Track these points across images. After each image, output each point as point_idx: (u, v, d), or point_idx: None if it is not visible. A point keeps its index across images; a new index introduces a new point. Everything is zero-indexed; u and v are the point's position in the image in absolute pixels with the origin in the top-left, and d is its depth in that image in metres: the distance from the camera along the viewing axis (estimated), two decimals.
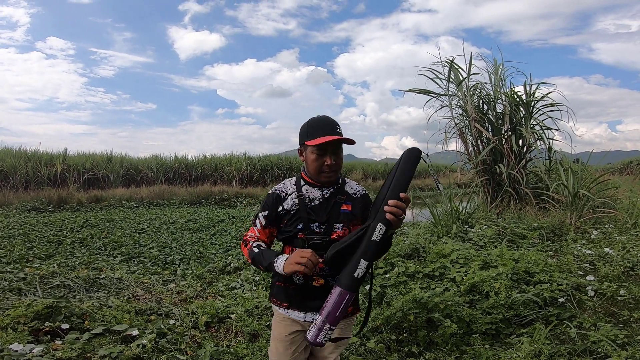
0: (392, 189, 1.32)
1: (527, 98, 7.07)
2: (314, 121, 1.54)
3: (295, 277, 1.51)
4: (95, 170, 17.11)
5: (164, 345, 2.50)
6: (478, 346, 2.53)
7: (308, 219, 1.51)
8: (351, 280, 1.29)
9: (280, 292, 1.58)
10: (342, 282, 1.31)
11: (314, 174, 1.53)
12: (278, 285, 1.59)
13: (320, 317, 1.32)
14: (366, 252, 1.29)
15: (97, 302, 3.13)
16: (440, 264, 3.50)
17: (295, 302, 1.55)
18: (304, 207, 1.53)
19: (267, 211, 1.57)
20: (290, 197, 1.56)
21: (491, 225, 5.06)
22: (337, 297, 1.28)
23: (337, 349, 1.63)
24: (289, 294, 1.56)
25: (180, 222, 9.04)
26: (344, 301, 1.28)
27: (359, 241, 1.32)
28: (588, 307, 2.90)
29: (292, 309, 1.57)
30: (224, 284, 4.21)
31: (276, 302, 1.60)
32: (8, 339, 2.26)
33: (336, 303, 1.28)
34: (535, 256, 3.50)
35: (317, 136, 1.47)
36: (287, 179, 1.65)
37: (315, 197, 1.55)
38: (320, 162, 1.49)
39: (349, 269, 1.29)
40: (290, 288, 1.55)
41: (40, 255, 5.70)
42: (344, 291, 1.28)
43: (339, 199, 1.56)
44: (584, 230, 4.99)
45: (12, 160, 15.09)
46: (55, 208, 11.86)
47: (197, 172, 19.38)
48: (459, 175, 7.61)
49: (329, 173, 1.51)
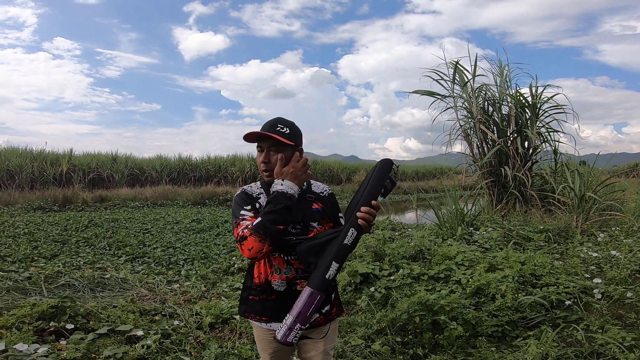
0: (365, 197, 1.36)
1: (533, 100, 7.03)
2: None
3: (275, 284, 1.44)
4: (100, 170, 17.22)
5: (168, 346, 2.50)
6: (484, 349, 2.51)
7: None
8: (322, 281, 1.32)
9: (257, 306, 1.49)
10: (313, 283, 1.33)
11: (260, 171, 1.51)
12: (253, 300, 1.50)
13: (291, 316, 1.32)
14: (338, 254, 1.32)
15: (102, 302, 3.13)
16: (445, 266, 3.48)
17: (275, 314, 1.46)
18: None
19: (248, 205, 1.46)
20: (262, 196, 1.50)
21: (497, 227, 5.03)
22: (308, 298, 1.31)
23: (327, 355, 1.58)
24: (267, 306, 1.47)
25: (184, 223, 9.06)
26: (315, 301, 1.32)
27: (329, 243, 1.36)
28: (595, 309, 2.87)
29: (274, 321, 1.48)
30: (228, 285, 4.21)
31: (254, 317, 1.51)
32: (13, 339, 2.26)
33: (307, 303, 1.31)
34: (542, 259, 3.47)
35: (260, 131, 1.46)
36: (246, 186, 1.58)
37: None
38: (259, 159, 1.48)
39: (320, 270, 1.33)
40: (270, 300, 1.47)
41: (46, 254, 5.73)
42: (315, 292, 1.32)
43: (309, 197, 1.52)
44: (591, 233, 4.95)
45: (18, 159, 15.22)
46: (60, 207, 11.93)
47: (201, 173, 19.47)
48: (464, 177, 7.58)
49: (266, 172, 1.47)
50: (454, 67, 7.33)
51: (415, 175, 28.80)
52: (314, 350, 1.56)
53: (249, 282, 1.52)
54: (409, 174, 28.52)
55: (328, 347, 1.57)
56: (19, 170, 14.97)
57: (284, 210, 1.33)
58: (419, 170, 29.74)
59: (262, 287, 1.47)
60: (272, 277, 1.45)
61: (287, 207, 1.33)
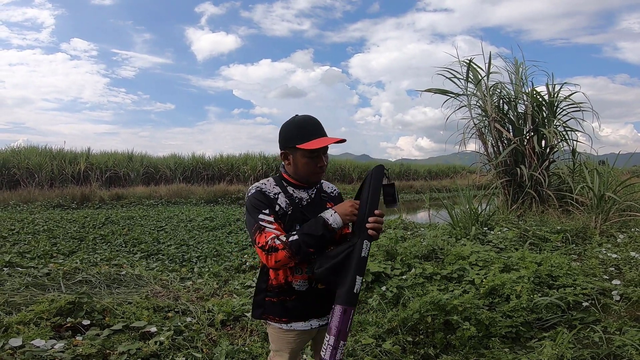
0: (370, 207, 1.41)
1: (550, 98, 6.88)
2: (302, 122, 1.48)
3: (296, 284, 1.45)
4: (117, 169, 17.56)
5: (180, 343, 2.52)
6: (497, 349, 2.47)
7: (303, 220, 1.46)
8: (352, 296, 1.37)
9: (275, 308, 1.49)
10: (344, 300, 1.37)
11: (307, 176, 1.48)
12: (270, 302, 1.50)
13: (332, 337, 1.35)
14: (358, 268, 1.38)
15: (118, 299, 3.19)
16: (458, 265, 3.44)
17: (295, 314, 1.48)
18: (297, 208, 1.47)
19: (266, 209, 1.43)
20: (279, 196, 1.47)
21: (512, 227, 4.94)
22: (343, 315, 1.35)
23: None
24: (287, 307, 1.47)
25: (198, 221, 9.16)
26: (350, 317, 1.37)
27: (347, 259, 1.40)
28: (613, 311, 2.80)
29: (294, 321, 1.49)
30: (240, 283, 4.24)
31: (273, 319, 1.50)
32: (30, 334, 2.30)
33: (344, 320, 1.35)
34: (559, 259, 3.40)
35: (311, 139, 1.43)
36: (261, 180, 1.54)
37: (303, 198, 1.51)
38: (313, 164, 1.46)
39: (347, 286, 1.36)
40: (289, 300, 1.47)
41: (64, 251, 5.86)
42: (348, 308, 1.36)
43: (323, 196, 1.56)
44: (610, 233, 4.82)
45: (38, 158, 15.62)
46: (78, 205, 12.20)
47: (213, 171, 19.66)
48: (478, 176, 7.47)
49: (320, 174, 1.50)
50: (467, 65, 7.23)
51: (427, 174, 28.52)
52: None
53: (263, 284, 1.51)
54: (421, 173, 28.25)
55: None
56: (38, 168, 15.36)
57: (321, 238, 1.36)
58: (431, 169, 29.44)
59: (280, 287, 1.47)
60: (292, 278, 1.46)
61: (324, 237, 1.37)
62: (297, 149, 1.44)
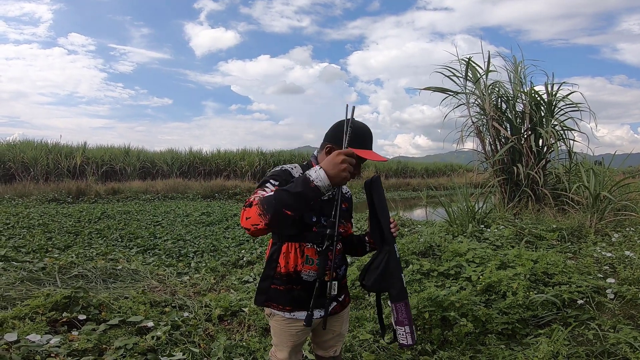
0: (385, 216, 1.55)
1: (549, 97, 6.90)
2: (362, 130, 1.47)
3: (305, 274, 1.47)
4: (113, 163, 17.47)
5: (177, 338, 2.52)
6: (493, 346, 2.48)
7: (320, 212, 1.48)
8: (405, 291, 1.55)
9: (281, 296, 1.50)
10: (402, 296, 1.54)
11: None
12: (275, 289, 1.50)
13: (407, 326, 1.52)
14: (400, 268, 1.56)
15: (114, 293, 3.18)
16: (455, 262, 3.45)
17: (300, 303, 1.49)
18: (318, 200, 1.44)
19: (277, 181, 1.36)
20: None
21: (508, 225, 4.97)
22: (406, 307, 1.54)
23: (341, 337, 1.69)
24: (292, 296, 1.49)
25: (194, 216, 9.14)
26: (409, 305, 1.56)
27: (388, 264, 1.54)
28: (607, 309, 2.82)
29: (297, 310, 1.51)
30: (237, 278, 4.24)
31: (276, 306, 1.51)
32: (26, 329, 2.29)
33: (408, 311, 1.54)
34: (555, 257, 3.41)
35: (364, 147, 1.48)
36: (288, 165, 1.52)
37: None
38: (350, 167, 1.46)
39: (398, 285, 1.53)
40: (295, 289, 1.49)
41: (59, 245, 5.84)
42: (406, 301, 1.55)
43: (342, 196, 1.53)
44: (605, 232, 4.85)
45: (33, 152, 15.51)
46: (74, 199, 12.14)
47: (211, 167, 19.61)
48: (475, 174, 7.49)
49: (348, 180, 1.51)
50: (466, 63, 7.22)
51: (425, 172, 28.58)
52: (330, 334, 1.65)
53: (271, 272, 1.52)
54: (419, 171, 28.31)
55: (343, 330, 1.69)
56: (34, 162, 15.26)
57: (298, 196, 1.16)
58: (428, 167, 29.50)
59: (288, 276, 1.48)
60: (302, 268, 1.47)
61: (302, 196, 1.16)
62: (336, 145, 1.46)
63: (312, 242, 1.47)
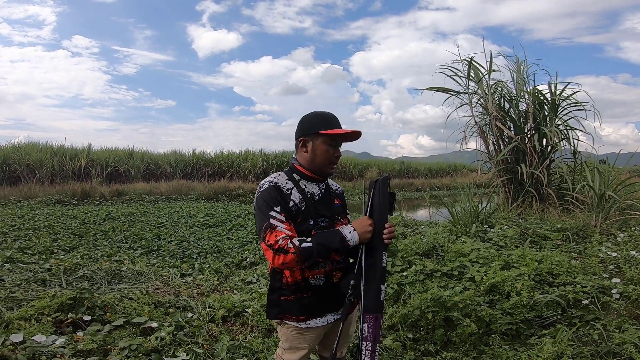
0: (382, 219, 1.45)
1: (552, 97, 6.86)
2: (325, 114, 1.53)
3: (313, 279, 1.45)
4: (117, 165, 17.56)
5: (181, 338, 2.53)
6: (497, 346, 2.47)
7: (316, 214, 1.47)
8: (380, 304, 1.43)
9: (293, 307, 1.47)
10: (375, 309, 1.42)
11: (323, 164, 1.50)
12: (286, 300, 1.47)
13: (370, 342, 1.40)
14: (381, 278, 1.44)
15: (119, 294, 3.20)
16: (459, 263, 3.44)
17: (313, 310, 1.48)
18: (310, 203, 1.47)
19: (278, 206, 1.40)
20: (292, 191, 1.47)
21: (512, 225, 4.94)
22: (376, 322, 1.42)
23: (345, 343, 1.69)
24: (304, 304, 1.46)
25: (198, 217, 9.17)
26: (380, 322, 1.44)
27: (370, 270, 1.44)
28: (612, 309, 2.81)
29: (312, 318, 1.48)
30: (240, 279, 4.25)
31: (290, 317, 1.48)
32: (32, 330, 2.31)
33: (377, 326, 1.42)
34: (559, 257, 3.40)
35: (333, 128, 1.49)
36: (272, 175, 1.53)
37: (315, 193, 1.52)
38: (332, 152, 1.50)
39: (373, 295, 1.42)
40: (305, 297, 1.46)
41: (65, 247, 5.88)
42: (379, 315, 1.43)
43: (333, 192, 1.62)
44: (610, 232, 4.82)
45: (39, 154, 15.62)
46: (79, 201, 12.21)
47: (214, 168, 19.65)
48: (479, 174, 7.47)
49: (335, 166, 1.54)
50: (468, 63, 7.20)
51: (428, 172, 28.50)
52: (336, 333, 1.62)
53: (278, 283, 1.49)
54: (422, 171, 28.23)
55: (351, 331, 1.69)
56: (39, 164, 15.37)
57: (334, 251, 1.37)
58: (431, 168, 29.41)
59: (297, 284, 1.46)
60: (309, 273, 1.45)
61: (338, 251, 1.38)
62: (319, 135, 1.48)
63: None
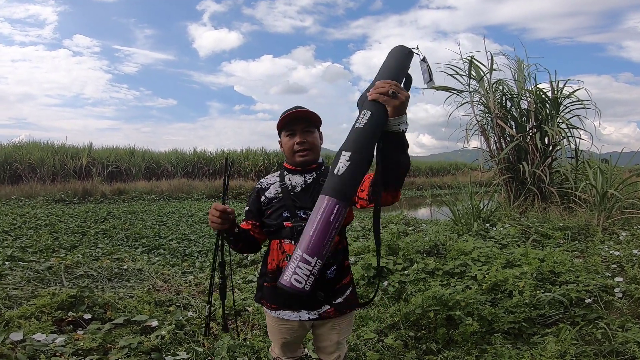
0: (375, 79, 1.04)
1: (554, 95, 6.84)
2: (285, 110, 1.54)
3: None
4: (119, 164, 17.58)
5: (182, 337, 2.52)
6: (499, 345, 2.46)
7: (294, 207, 1.46)
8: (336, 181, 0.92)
9: (269, 293, 1.52)
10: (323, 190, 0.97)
11: (290, 156, 1.52)
12: (266, 287, 1.52)
13: (298, 249, 0.96)
14: (347, 141, 0.96)
15: (119, 293, 3.19)
16: (461, 261, 3.43)
17: (283, 302, 1.48)
18: (288, 195, 1.48)
19: (248, 206, 1.62)
20: (272, 186, 1.56)
21: (514, 224, 4.93)
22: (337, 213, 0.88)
23: (339, 346, 1.59)
24: (277, 294, 1.46)
25: (199, 215, 9.16)
26: (337, 218, 0.89)
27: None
28: (615, 308, 2.79)
29: (283, 309, 1.50)
30: (241, 277, 4.24)
31: (266, 303, 1.55)
32: (32, 328, 2.30)
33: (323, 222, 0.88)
34: (562, 256, 3.38)
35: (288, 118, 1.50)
36: (270, 174, 1.65)
37: (298, 184, 1.51)
38: (292, 142, 1.49)
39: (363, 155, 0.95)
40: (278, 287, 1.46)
41: (66, 245, 5.87)
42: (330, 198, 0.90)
43: (322, 181, 1.48)
44: (612, 231, 4.81)
45: (40, 153, 15.64)
46: (80, 200, 12.22)
47: (215, 167, 19.67)
48: (480, 173, 7.45)
49: (302, 152, 1.48)
50: (469, 61, 7.18)
51: (429, 171, 28.47)
52: (327, 341, 1.58)
53: (264, 268, 1.56)
54: (423, 170, 28.18)
55: (341, 338, 1.59)
56: (40, 163, 15.39)
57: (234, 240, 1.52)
58: (433, 166, 29.36)
59: (274, 273, 1.49)
60: (283, 264, 1.46)
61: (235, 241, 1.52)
62: (280, 132, 1.55)
63: (288, 237, 1.45)
